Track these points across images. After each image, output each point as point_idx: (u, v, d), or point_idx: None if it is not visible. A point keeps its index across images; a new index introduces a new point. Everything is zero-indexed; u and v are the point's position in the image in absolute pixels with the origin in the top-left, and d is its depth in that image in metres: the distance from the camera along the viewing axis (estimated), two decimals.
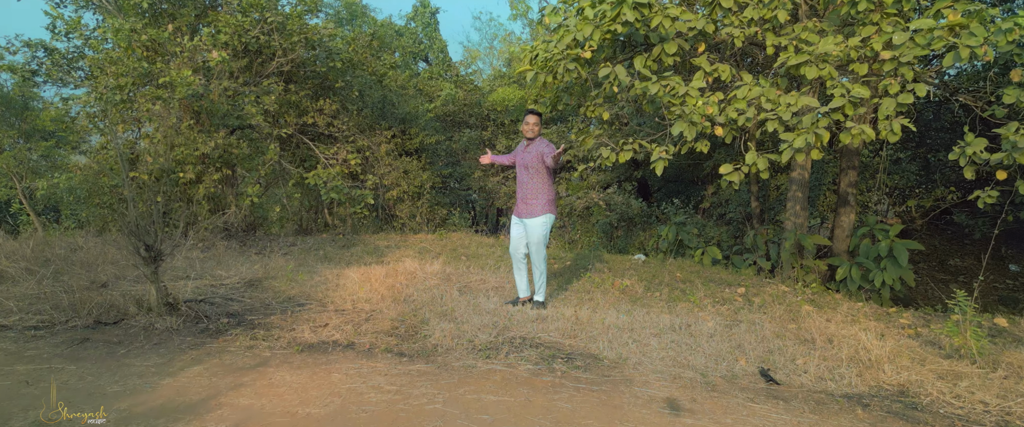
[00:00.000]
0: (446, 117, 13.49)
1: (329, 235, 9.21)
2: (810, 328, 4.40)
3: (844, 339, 4.00)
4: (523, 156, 4.64)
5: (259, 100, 7.70)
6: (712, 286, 6.21)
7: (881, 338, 4.03)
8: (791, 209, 7.40)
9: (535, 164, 4.57)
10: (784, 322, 4.64)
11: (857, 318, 4.80)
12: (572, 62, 5.00)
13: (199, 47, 7.03)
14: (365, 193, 8.55)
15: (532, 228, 4.61)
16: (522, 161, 4.63)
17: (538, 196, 4.63)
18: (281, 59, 7.87)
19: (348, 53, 8.57)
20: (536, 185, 4.62)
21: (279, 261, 6.47)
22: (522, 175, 4.63)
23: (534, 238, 4.61)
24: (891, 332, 4.35)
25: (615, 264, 7.39)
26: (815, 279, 7.00)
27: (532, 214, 4.62)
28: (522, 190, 4.64)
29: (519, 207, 4.68)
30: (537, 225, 4.61)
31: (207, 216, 7.10)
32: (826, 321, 4.71)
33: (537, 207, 4.63)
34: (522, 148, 4.71)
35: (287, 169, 8.50)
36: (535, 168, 4.58)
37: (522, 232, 4.73)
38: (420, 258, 7.17)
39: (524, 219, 4.66)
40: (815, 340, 4.01)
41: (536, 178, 4.62)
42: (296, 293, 4.84)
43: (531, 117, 4.62)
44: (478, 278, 5.89)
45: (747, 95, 4.74)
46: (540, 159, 4.57)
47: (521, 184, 4.65)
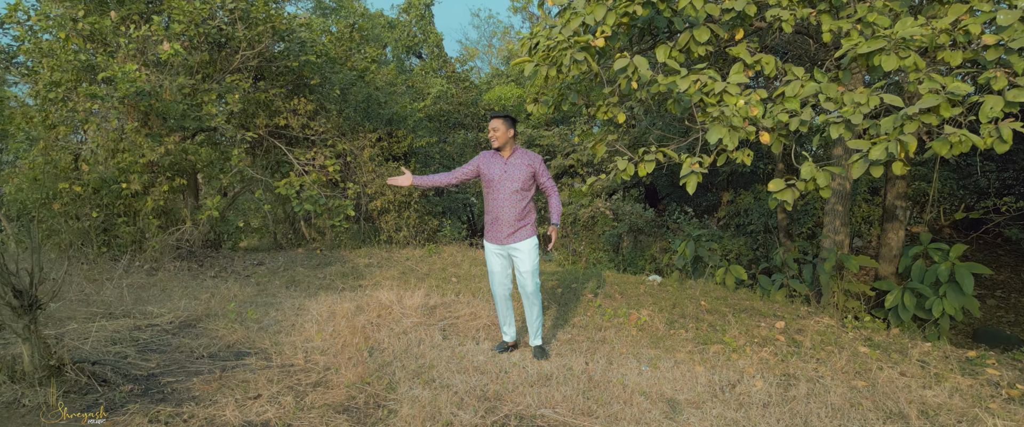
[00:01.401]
0: (439, 117, 12.53)
1: (305, 251, 8.26)
2: (888, 388, 3.44)
3: (944, 410, 3.05)
4: (502, 173, 3.70)
5: (222, 99, 6.75)
6: (744, 318, 5.26)
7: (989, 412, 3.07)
8: (830, 225, 6.45)
9: (524, 185, 3.69)
10: (849, 377, 3.68)
11: (940, 370, 3.84)
12: (580, 52, 4.05)
13: (149, 38, 6.07)
14: (344, 204, 7.60)
15: (523, 256, 3.69)
16: (501, 180, 3.69)
17: (526, 217, 3.74)
18: (247, 52, 6.91)
19: (323, 46, 7.60)
20: (524, 206, 3.71)
21: (234, 288, 5.52)
22: (502, 196, 3.69)
23: (526, 267, 3.68)
24: (986, 390, 3.39)
25: (627, 288, 6.43)
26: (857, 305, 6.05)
27: (522, 237, 3.70)
28: (504, 213, 3.69)
29: (497, 232, 3.73)
30: (529, 251, 3.70)
31: (156, 233, 6.14)
32: (901, 375, 3.75)
33: (526, 230, 3.72)
34: (493, 161, 3.75)
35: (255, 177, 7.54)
36: (524, 189, 3.69)
37: (506, 264, 3.79)
38: (402, 283, 6.21)
39: (509, 246, 3.71)
40: (907, 415, 3.04)
41: (524, 199, 3.70)
42: (238, 339, 3.88)
43: (494, 121, 3.68)
44: (467, 311, 4.93)
45: (799, 93, 3.78)
46: (531, 180, 3.72)
47: (499, 206, 3.70)
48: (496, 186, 3.69)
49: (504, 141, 3.68)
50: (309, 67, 7.60)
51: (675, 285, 6.79)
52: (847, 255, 6.07)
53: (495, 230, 3.74)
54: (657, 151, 4.09)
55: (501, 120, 3.68)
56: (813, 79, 3.86)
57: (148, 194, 6.12)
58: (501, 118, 3.68)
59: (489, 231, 3.80)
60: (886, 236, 6.46)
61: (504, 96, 12.69)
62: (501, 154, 3.74)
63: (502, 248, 3.75)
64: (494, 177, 3.70)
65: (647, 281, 6.89)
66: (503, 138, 3.67)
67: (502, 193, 3.67)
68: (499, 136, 3.66)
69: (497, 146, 3.68)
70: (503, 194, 3.67)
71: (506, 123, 3.69)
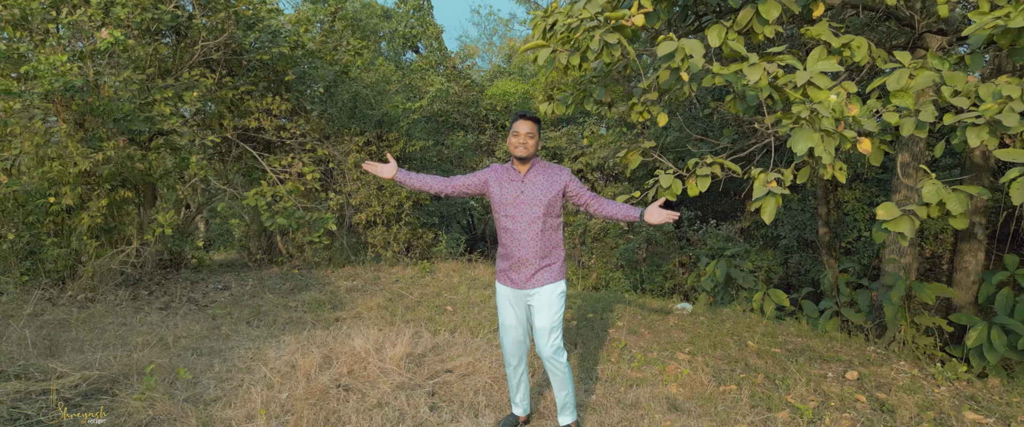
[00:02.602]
0: (437, 117, 11.54)
1: (281, 270, 7.27)
2: None
3: None
4: (518, 194, 2.73)
5: (178, 98, 5.76)
6: (804, 364, 4.28)
7: None
8: (893, 245, 5.45)
9: (550, 211, 2.71)
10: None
11: None
12: (612, 32, 3.05)
13: (83, 24, 5.08)
14: (325, 216, 6.60)
15: (542, 306, 2.70)
16: (516, 204, 2.72)
17: (552, 253, 2.76)
18: (208, 42, 5.93)
19: (298, 36, 6.61)
20: (550, 239, 2.74)
21: (182, 325, 4.53)
22: (519, 226, 2.72)
23: (543, 322, 2.69)
24: None
25: (654, 320, 5.45)
26: (929, 342, 5.07)
27: (545, 281, 2.72)
28: (522, 248, 2.71)
29: (512, 274, 2.77)
30: (551, 301, 2.71)
31: (94, 256, 5.16)
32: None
33: (552, 271, 2.74)
34: (507, 178, 2.78)
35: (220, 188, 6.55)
36: (549, 216, 2.71)
37: (524, 316, 2.81)
38: (387, 315, 5.22)
39: (530, 291, 2.73)
40: None
41: (551, 222, 2.74)
42: (154, 417, 2.90)
43: (525, 124, 2.70)
44: (465, 360, 3.94)
45: (908, 84, 2.79)
46: (558, 204, 2.75)
47: (514, 239, 2.73)
48: (510, 212, 2.72)
49: (532, 152, 2.71)
50: (283, 61, 6.62)
51: (708, 315, 5.81)
52: (919, 283, 5.07)
53: (509, 271, 2.77)
54: (712, 163, 3.10)
55: (533, 123, 2.70)
56: (927, 67, 2.86)
57: (84, 209, 5.13)
58: (532, 120, 2.70)
59: (501, 271, 2.83)
60: (961, 258, 5.47)
61: (508, 92, 11.70)
62: (516, 169, 2.76)
63: (519, 294, 2.77)
64: (507, 200, 2.72)
65: (676, 310, 5.90)
66: (533, 148, 2.70)
67: (519, 222, 2.70)
68: (530, 146, 2.68)
69: (524, 155, 2.69)
70: (520, 223, 2.70)
71: (538, 128, 2.73)
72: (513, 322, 2.82)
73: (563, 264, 2.80)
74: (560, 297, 2.72)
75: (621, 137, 9.68)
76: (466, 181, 2.85)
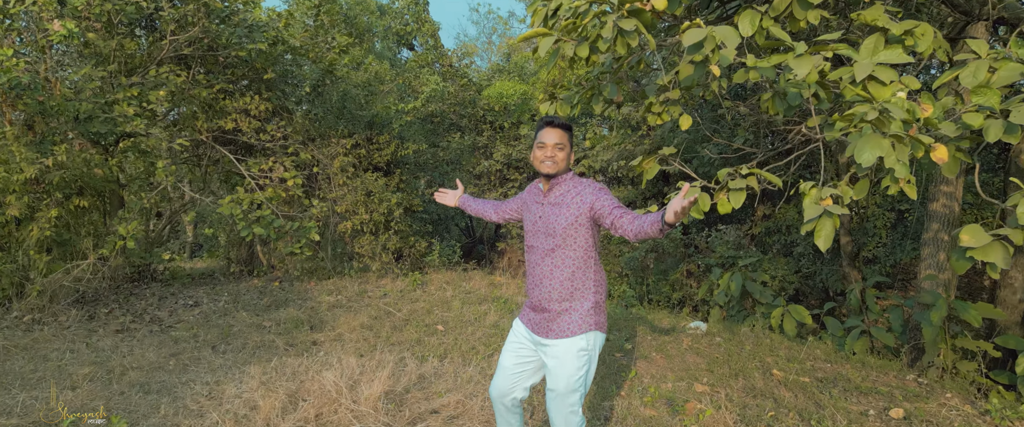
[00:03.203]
0: (432, 118, 11.02)
1: (262, 281, 6.75)
2: None
3: None
4: (536, 218, 2.24)
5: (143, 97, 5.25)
6: (838, 398, 3.77)
7: None
8: (931, 258, 4.95)
9: (571, 235, 2.16)
10: None
11: None
12: (628, 18, 2.54)
13: (34, 15, 4.57)
14: (307, 225, 6.09)
15: (558, 365, 2.14)
16: (534, 229, 2.25)
17: (575, 294, 2.18)
18: (177, 37, 5.41)
19: (277, 31, 6.09)
20: (572, 274, 2.18)
21: (137, 352, 4.02)
22: (536, 255, 2.22)
23: (559, 384, 2.13)
24: None
25: (666, 343, 4.94)
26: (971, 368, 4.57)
27: (562, 333, 2.16)
28: (537, 284, 2.22)
29: (534, 313, 2.27)
30: (568, 359, 2.13)
31: (44, 272, 4.64)
32: None
33: (573, 318, 2.17)
34: (532, 198, 2.31)
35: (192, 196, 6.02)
36: (574, 237, 2.17)
37: (525, 361, 2.29)
38: (370, 337, 4.71)
39: (544, 341, 2.20)
40: None
41: (573, 254, 2.18)
42: None
43: (552, 132, 2.18)
44: (453, 401, 3.42)
45: (988, 79, 2.29)
46: (584, 227, 2.17)
47: (533, 272, 2.24)
48: (530, 241, 2.28)
49: (563, 167, 2.20)
50: (263, 58, 6.10)
51: (725, 335, 5.30)
52: (962, 303, 4.56)
53: (529, 310, 2.30)
54: (748, 174, 2.59)
55: (563, 132, 2.19)
56: (1011, 58, 2.35)
57: (33, 220, 4.61)
58: (562, 128, 2.19)
59: (523, 309, 2.36)
60: (1007, 273, 4.96)
61: (506, 93, 11.18)
62: (541, 188, 2.29)
63: (531, 337, 2.26)
64: (529, 226, 2.30)
65: (689, 330, 5.39)
66: (563, 162, 2.19)
67: (535, 253, 2.23)
68: (559, 159, 2.18)
69: (552, 171, 2.18)
70: (536, 254, 2.23)
71: (569, 137, 2.23)
72: (509, 363, 2.30)
73: (591, 312, 2.18)
74: (579, 356, 2.12)
75: (625, 138, 9.16)
76: (509, 207, 2.56)
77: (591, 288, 2.18)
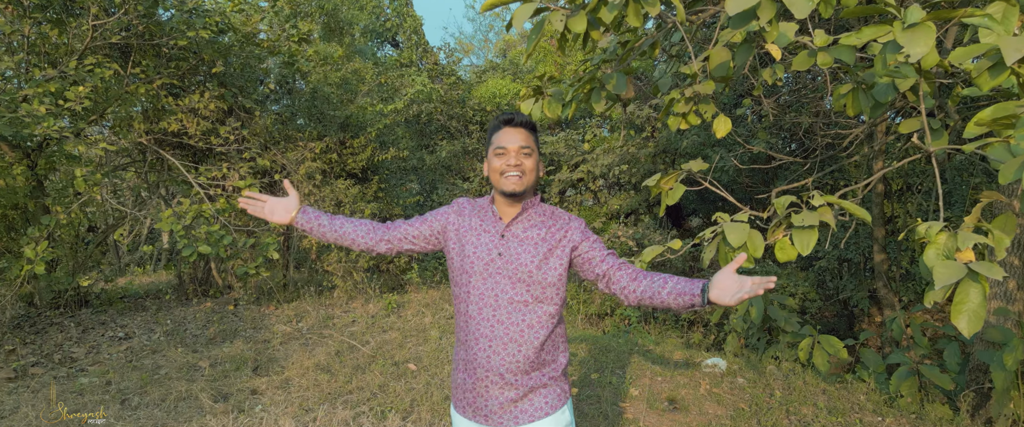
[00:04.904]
0: (416, 119, 10.20)
1: (215, 304, 5.92)
2: None
3: None
4: (491, 254, 1.48)
5: (59, 94, 4.43)
6: None
7: None
8: (999, 286, 4.14)
9: (542, 283, 1.45)
10: None
11: None
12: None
13: None
14: (266, 242, 5.27)
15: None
16: (488, 269, 1.47)
17: (546, 363, 1.49)
18: (100, 21, 4.59)
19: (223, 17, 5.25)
20: (539, 336, 1.45)
21: (22, 412, 3.19)
22: (486, 304, 1.46)
23: None
24: None
25: (680, 384, 4.15)
26: None
27: (535, 415, 1.46)
28: (491, 351, 1.45)
29: (477, 397, 1.49)
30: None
31: None
32: None
33: (551, 393, 1.49)
34: (478, 222, 1.54)
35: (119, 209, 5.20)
36: (538, 295, 1.45)
37: None
38: (321, 387, 3.88)
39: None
40: None
41: (537, 316, 1.45)
42: None
43: (514, 133, 1.49)
44: None
45: None
46: (559, 272, 1.48)
47: (483, 333, 1.47)
48: (477, 287, 1.48)
49: (530, 183, 1.50)
50: (210, 48, 5.27)
51: (748, 374, 4.50)
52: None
53: (469, 390, 1.51)
54: (821, 203, 1.77)
55: (529, 133, 1.53)
56: None
57: None
58: (528, 128, 1.53)
59: (457, 389, 1.55)
60: None
61: (499, 92, 10.37)
62: (497, 212, 1.54)
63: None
64: (475, 265, 1.49)
65: (705, 368, 4.58)
66: (531, 175, 1.50)
67: (488, 305, 1.46)
68: (527, 169, 1.49)
69: (516, 189, 1.47)
70: (490, 308, 1.46)
71: (536, 140, 1.54)
72: None
73: (563, 376, 1.52)
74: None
75: (628, 140, 8.35)
76: (410, 231, 1.62)
77: (561, 352, 1.55)
